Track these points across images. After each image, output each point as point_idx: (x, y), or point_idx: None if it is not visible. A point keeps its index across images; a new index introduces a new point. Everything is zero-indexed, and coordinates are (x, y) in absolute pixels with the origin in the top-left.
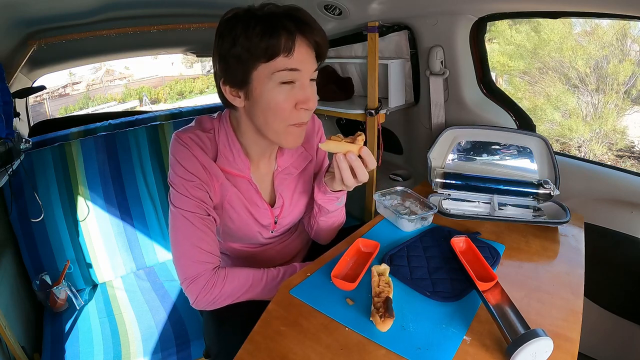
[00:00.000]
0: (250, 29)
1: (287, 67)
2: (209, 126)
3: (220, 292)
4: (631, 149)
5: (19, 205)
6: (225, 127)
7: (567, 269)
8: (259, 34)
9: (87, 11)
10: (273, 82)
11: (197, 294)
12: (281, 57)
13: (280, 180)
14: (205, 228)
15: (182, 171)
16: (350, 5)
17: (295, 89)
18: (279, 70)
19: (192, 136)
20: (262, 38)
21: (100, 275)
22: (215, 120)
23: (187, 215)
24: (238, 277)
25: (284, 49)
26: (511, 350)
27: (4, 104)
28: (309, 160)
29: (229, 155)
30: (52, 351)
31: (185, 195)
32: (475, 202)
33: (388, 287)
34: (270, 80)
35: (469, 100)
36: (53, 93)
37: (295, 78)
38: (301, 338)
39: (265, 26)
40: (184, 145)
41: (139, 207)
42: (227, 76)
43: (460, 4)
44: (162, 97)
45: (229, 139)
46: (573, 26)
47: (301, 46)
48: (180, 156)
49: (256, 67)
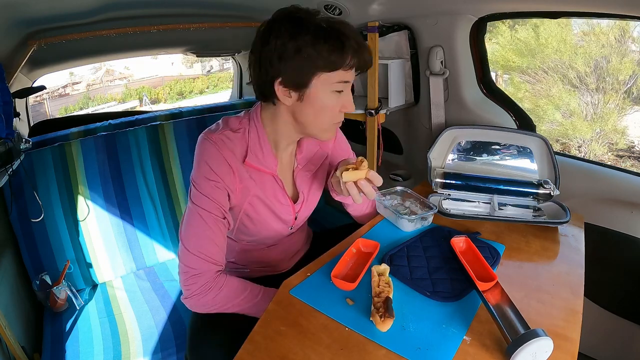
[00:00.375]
0: (320, 42)
1: (343, 79)
2: (237, 126)
3: (215, 296)
4: (631, 148)
5: (19, 205)
6: (256, 125)
7: (567, 269)
8: (329, 50)
9: (87, 11)
10: (329, 89)
11: (195, 290)
12: (341, 71)
13: (301, 177)
14: (218, 230)
15: (207, 170)
16: (350, 5)
17: (342, 95)
18: (337, 82)
19: (222, 137)
20: (331, 53)
21: (100, 275)
22: (244, 119)
23: (203, 215)
24: (236, 285)
25: (346, 65)
26: (511, 350)
27: (4, 104)
28: (324, 157)
29: (258, 153)
30: (52, 351)
31: (206, 195)
32: (475, 202)
33: (388, 287)
34: (327, 87)
35: (469, 100)
36: (53, 93)
37: (345, 87)
38: (301, 338)
39: (334, 43)
40: (214, 144)
41: (139, 207)
42: (285, 77)
43: (460, 4)
44: (162, 97)
45: (259, 136)
46: (572, 26)
47: (356, 63)
48: (207, 155)
49: (318, 75)
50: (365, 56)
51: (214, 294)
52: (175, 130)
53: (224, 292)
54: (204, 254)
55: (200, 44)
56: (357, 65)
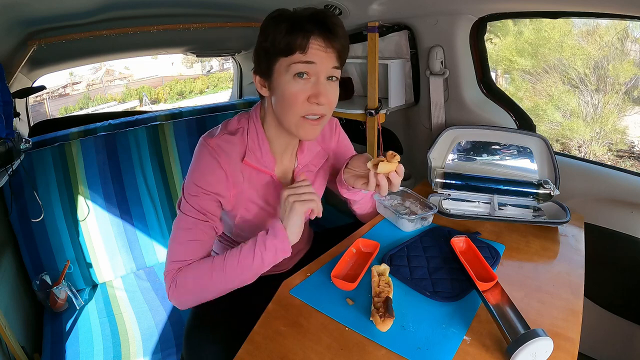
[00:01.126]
0: (278, 26)
1: (302, 60)
2: (237, 126)
3: (184, 285)
4: (631, 149)
5: (19, 205)
6: (255, 124)
7: (567, 269)
8: (282, 32)
9: (87, 11)
10: (289, 75)
11: (168, 286)
12: (297, 54)
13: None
14: (200, 238)
15: (198, 177)
16: (350, 5)
17: (309, 83)
18: (294, 63)
19: (220, 141)
20: (284, 36)
21: (100, 275)
22: (242, 119)
23: (187, 221)
24: (196, 266)
25: (299, 47)
26: (511, 350)
27: (4, 104)
28: (325, 158)
29: (257, 152)
30: (52, 351)
31: (191, 205)
32: (475, 202)
33: (388, 287)
34: (287, 73)
35: (469, 100)
36: (53, 93)
37: (310, 71)
38: (301, 338)
39: (288, 25)
40: (211, 150)
41: (139, 207)
42: (257, 67)
43: (460, 4)
44: (162, 97)
45: (258, 136)
46: (573, 26)
47: (316, 45)
48: (202, 161)
49: (277, 60)
50: (329, 39)
51: (182, 282)
52: (175, 130)
53: (189, 274)
54: (177, 258)
55: (200, 44)
56: (322, 47)
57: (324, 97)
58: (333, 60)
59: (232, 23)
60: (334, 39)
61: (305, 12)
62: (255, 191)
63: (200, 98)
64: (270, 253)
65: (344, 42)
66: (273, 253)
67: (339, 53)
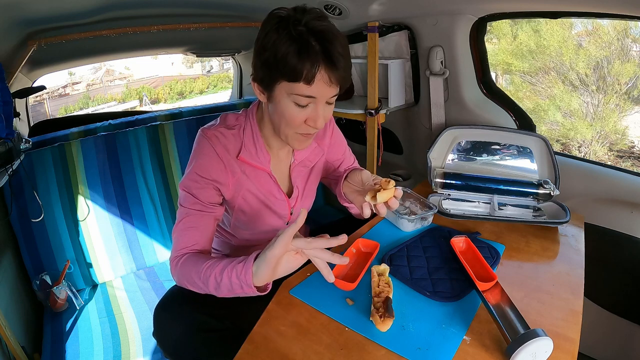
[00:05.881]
0: (280, 40)
1: (304, 93)
2: (234, 122)
3: (180, 282)
4: (631, 149)
5: (19, 205)
6: (251, 123)
7: (567, 269)
8: (287, 51)
9: (87, 11)
10: (290, 99)
11: (171, 261)
12: (302, 84)
13: (297, 172)
14: (200, 225)
15: (196, 165)
16: (350, 5)
17: (308, 108)
18: (297, 94)
19: (217, 133)
20: (289, 58)
21: (100, 275)
22: (240, 116)
23: (187, 211)
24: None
25: (305, 78)
26: (511, 350)
27: (4, 104)
28: (321, 154)
29: (252, 149)
30: (52, 351)
31: (190, 193)
32: (475, 202)
33: (388, 287)
34: (288, 97)
35: (469, 100)
36: (53, 93)
37: (311, 102)
38: (301, 338)
39: (294, 47)
40: (208, 139)
41: (139, 207)
42: (256, 75)
43: (460, 4)
44: (162, 97)
45: (253, 133)
46: (573, 26)
47: (321, 80)
48: (200, 150)
49: (279, 82)
50: (336, 73)
51: (178, 274)
52: (175, 131)
53: (184, 270)
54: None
55: (200, 44)
56: (327, 81)
57: (322, 121)
58: (334, 90)
59: (232, 23)
60: (339, 72)
61: (309, 26)
62: (252, 183)
63: (200, 98)
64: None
65: (347, 73)
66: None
67: (341, 84)
